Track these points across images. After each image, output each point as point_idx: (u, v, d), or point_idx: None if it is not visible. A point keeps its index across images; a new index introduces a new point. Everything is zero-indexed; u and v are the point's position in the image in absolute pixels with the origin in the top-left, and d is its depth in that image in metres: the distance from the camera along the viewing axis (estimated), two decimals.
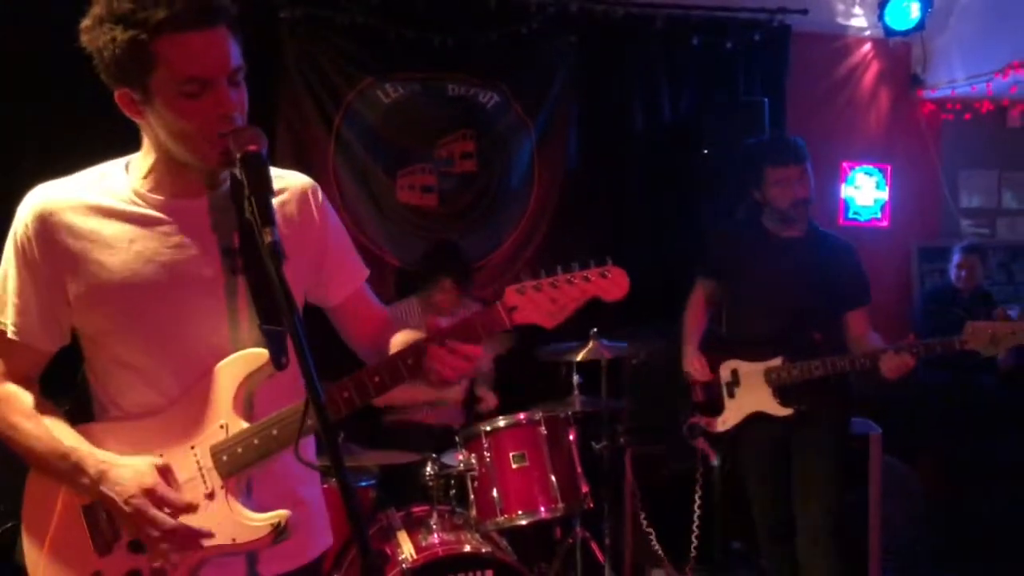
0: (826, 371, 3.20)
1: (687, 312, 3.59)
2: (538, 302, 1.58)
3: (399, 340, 1.73)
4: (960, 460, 4.65)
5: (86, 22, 1.45)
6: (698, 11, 4.84)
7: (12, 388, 1.59)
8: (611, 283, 1.60)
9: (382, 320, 1.86)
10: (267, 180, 1.40)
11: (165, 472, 1.54)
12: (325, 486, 1.90)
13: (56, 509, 1.59)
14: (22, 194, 1.58)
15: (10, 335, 1.57)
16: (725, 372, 3.41)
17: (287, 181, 1.70)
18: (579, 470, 3.33)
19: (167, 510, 1.51)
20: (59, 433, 1.55)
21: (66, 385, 1.68)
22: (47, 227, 1.53)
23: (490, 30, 4.46)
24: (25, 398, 1.59)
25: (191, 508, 1.54)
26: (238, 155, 1.41)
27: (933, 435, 4.71)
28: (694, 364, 3.45)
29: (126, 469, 1.51)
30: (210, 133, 1.45)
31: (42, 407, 1.59)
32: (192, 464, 1.58)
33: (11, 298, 1.57)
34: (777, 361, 3.28)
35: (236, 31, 1.47)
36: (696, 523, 3.89)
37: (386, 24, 4.31)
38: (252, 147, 1.41)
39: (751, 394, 3.34)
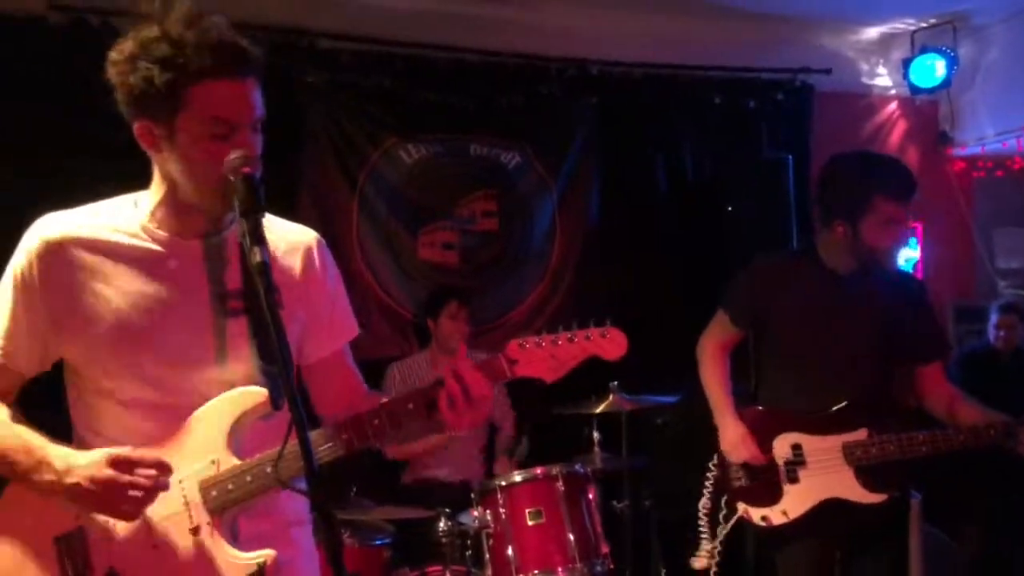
0: (935, 449, 2.50)
1: (708, 366, 2.84)
2: (539, 357, 1.63)
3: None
4: (1006, 531, 4.41)
5: (115, 56, 1.49)
6: (719, 71, 4.89)
7: None
8: (610, 343, 1.64)
9: (357, 391, 1.81)
10: (259, 201, 1.42)
11: (117, 460, 1.47)
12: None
13: (20, 542, 1.56)
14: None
15: None
16: (782, 448, 2.65)
17: (294, 234, 1.72)
18: (599, 529, 3.22)
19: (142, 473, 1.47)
20: (28, 436, 1.54)
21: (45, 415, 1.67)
22: (50, 257, 1.55)
23: (511, 92, 4.54)
24: None
25: (164, 466, 1.49)
26: (232, 178, 1.44)
27: (977, 503, 4.49)
28: (742, 444, 2.67)
29: (83, 456, 1.48)
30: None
31: (13, 417, 1.58)
32: (178, 498, 1.55)
33: (3, 321, 1.59)
34: (861, 434, 2.58)
35: (262, 83, 1.54)
36: None
37: (410, 87, 4.41)
38: (246, 169, 1.44)
39: (824, 477, 2.61)
